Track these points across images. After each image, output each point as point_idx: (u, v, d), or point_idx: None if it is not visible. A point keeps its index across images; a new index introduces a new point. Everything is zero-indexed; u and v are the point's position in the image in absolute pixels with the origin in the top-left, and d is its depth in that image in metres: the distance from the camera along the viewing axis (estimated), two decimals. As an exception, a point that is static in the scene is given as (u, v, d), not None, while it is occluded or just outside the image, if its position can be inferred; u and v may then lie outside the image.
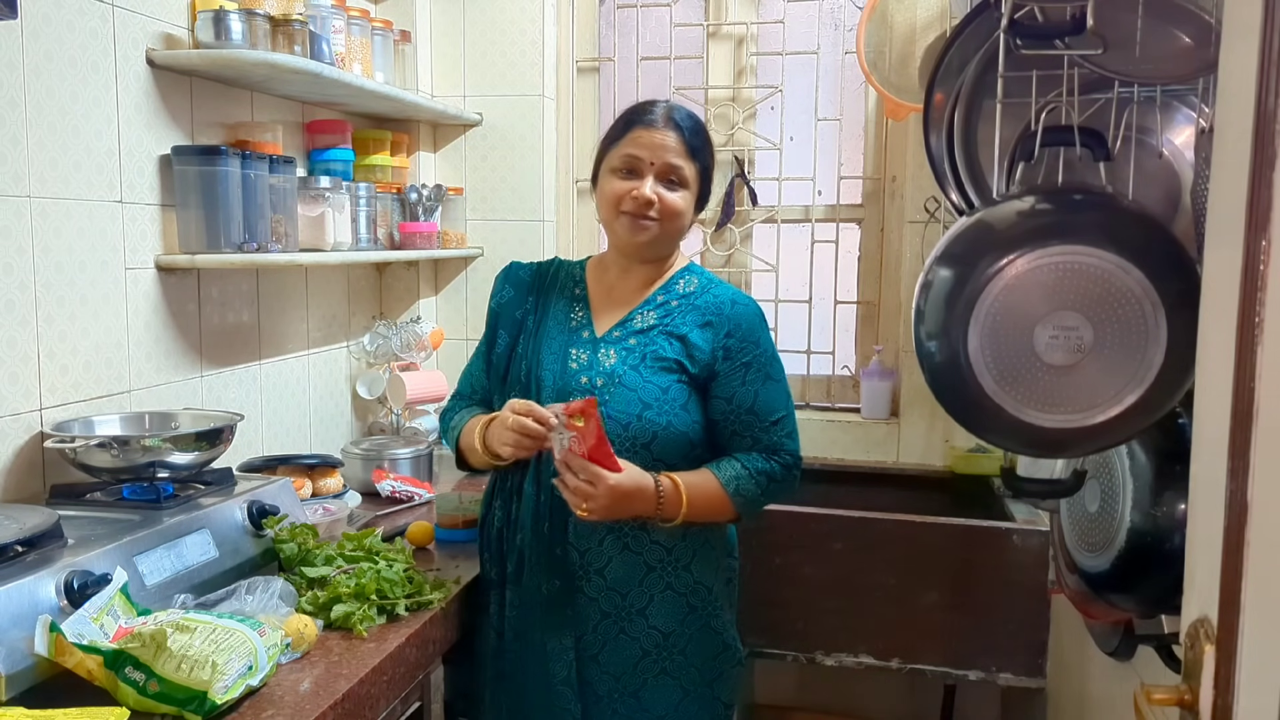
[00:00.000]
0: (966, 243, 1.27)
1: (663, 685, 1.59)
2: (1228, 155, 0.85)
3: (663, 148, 1.60)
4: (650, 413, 1.56)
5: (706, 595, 1.62)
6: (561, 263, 1.80)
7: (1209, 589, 0.83)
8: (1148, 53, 1.24)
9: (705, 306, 1.64)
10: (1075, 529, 1.55)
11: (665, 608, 1.58)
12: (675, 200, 1.61)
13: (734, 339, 1.61)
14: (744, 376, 1.60)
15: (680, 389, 1.59)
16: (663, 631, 1.58)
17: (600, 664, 1.58)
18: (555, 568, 1.58)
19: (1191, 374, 0.96)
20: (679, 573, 1.59)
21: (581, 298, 1.72)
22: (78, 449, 1.58)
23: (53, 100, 1.64)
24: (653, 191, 1.60)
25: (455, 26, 2.76)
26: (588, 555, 1.58)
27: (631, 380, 1.58)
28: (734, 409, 1.60)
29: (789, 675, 2.72)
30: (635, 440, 1.56)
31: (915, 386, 2.60)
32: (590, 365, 1.61)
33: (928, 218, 2.56)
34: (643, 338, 1.62)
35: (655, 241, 1.64)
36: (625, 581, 1.58)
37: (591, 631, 1.58)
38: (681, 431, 1.58)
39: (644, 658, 1.58)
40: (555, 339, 1.66)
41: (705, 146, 1.66)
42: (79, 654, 1.20)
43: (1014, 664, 2.02)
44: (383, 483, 2.20)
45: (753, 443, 1.61)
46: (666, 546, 1.59)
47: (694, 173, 1.63)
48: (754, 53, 2.78)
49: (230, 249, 1.89)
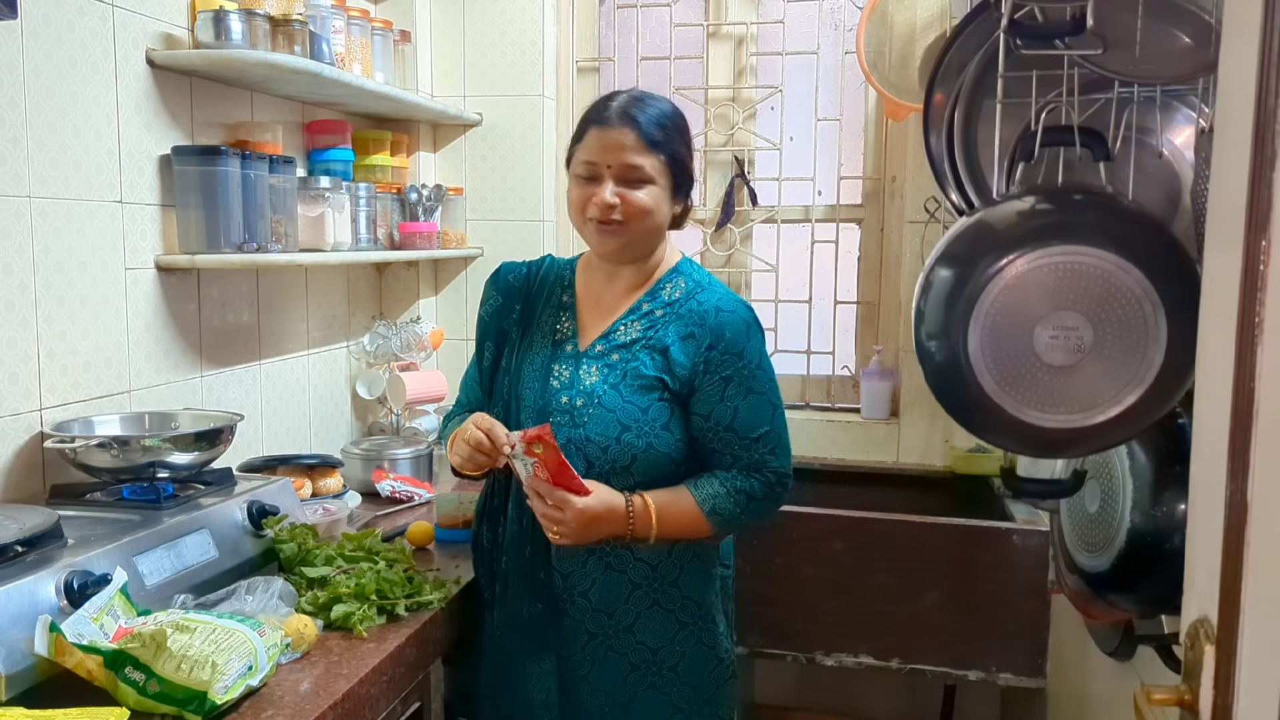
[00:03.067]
0: (966, 243, 1.27)
1: (652, 700, 1.56)
2: (1228, 155, 0.85)
3: (618, 148, 1.52)
4: (629, 435, 1.51)
5: (696, 610, 1.58)
6: (552, 262, 1.74)
7: (1209, 589, 0.83)
8: (1148, 53, 1.24)
9: (689, 315, 1.56)
10: (1075, 529, 1.55)
11: (653, 624, 1.55)
12: (640, 198, 1.53)
13: (715, 351, 1.53)
14: (723, 392, 1.53)
15: (661, 408, 1.53)
16: (651, 647, 1.56)
17: (590, 683, 1.56)
18: (538, 591, 1.56)
19: (1191, 374, 0.96)
20: (666, 589, 1.56)
21: (569, 305, 1.66)
22: (78, 449, 1.58)
23: (53, 100, 1.64)
24: (613, 195, 1.52)
25: (455, 26, 2.76)
26: (570, 578, 1.55)
27: (610, 401, 1.52)
28: (712, 426, 1.54)
29: (789, 675, 2.72)
30: (615, 463, 1.52)
31: (915, 386, 2.60)
32: (571, 383, 1.56)
33: (928, 218, 2.56)
34: (625, 353, 1.56)
35: (629, 245, 1.57)
36: (610, 601, 1.55)
37: (580, 653, 1.56)
38: (663, 453, 1.53)
39: (632, 672, 1.56)
40: (539, 354, 1.61)
41: (669, 135, 1.55)
42: (79, 654, 1.20)
43: (1014, 664, 2.02)
44: (383, 483, 2.20)
45: (733, 460, 1.55)
46: (651, 563, 1.55)
47: (658, 166, 1.54)
48: (754, 53, 2.78)
49: (230, 249, 1.89)
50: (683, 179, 1.60)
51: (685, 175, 1.60)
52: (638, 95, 1.58)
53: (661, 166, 1.55)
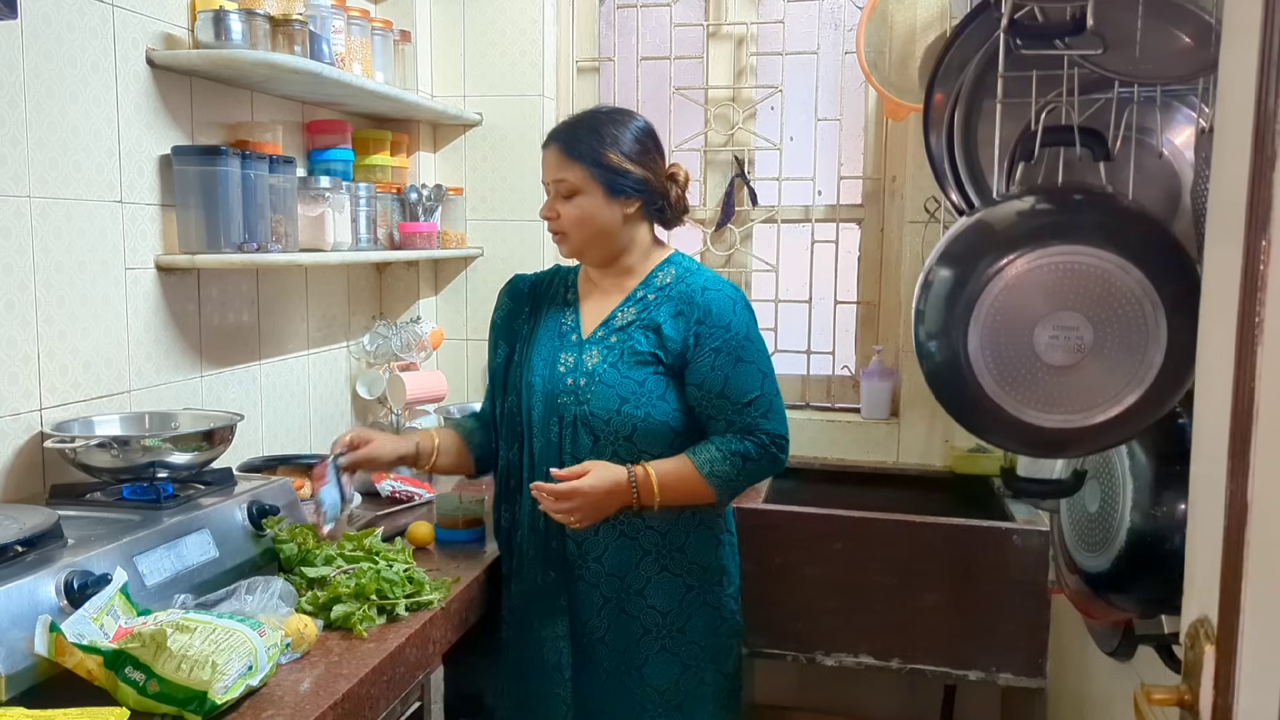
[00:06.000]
0: (966, 243, 1.27)
1: (663, 661, 1.68)
2: (1228, 155, 0.85)
3: (548, 166, 1.69)
4: (628, 406, 1.63)
5: (703, 574, 1.70)
6: (560, 271, 1.87)
7: (1209, 589, 0.83)
8: (1148, 53, 1.24)
9: (679, 296, 1.68)
10: (1075, 529, 1.55)
11: (662, 589, 1.67)
12: (568, 210, 1.67)
13: (704, 325, 1.65)
14: (713, 362, 1.64)
15: (657, 380, 1.65)
16: (661, 611, 1.68)
17: (607, 644, 1.68)
18: (551, 559, 1.69)
19: (1191, 374, 0.96)
20: (673, 555, 1.68)
21: (572, 303, 1.79)
22: (78, 449, 1.58)
23: (53, 100, 1.64)
24: (548, 209, 1.70)
25: (455, 26, 2.76)
26: (585, 545, 1.67)
27: (610, 377, 1.65)
28: (705, 394, 1.65)
29: (789, 675, 2.72)
30: (617, 433, 1.64)
31: (915, 386, 2.60)
32: (576, 367, 1.69)
33: (928, 218, 2.56)
34: (622, 334, 1.69)
35: (580, 250, 1.72)
36: (622, 566, 1.67)
37: (596, 616, 1.68)
38: (661, 420, 1.64)
39: (645, 635, 1.68)
40: (546, 345, 1.74)
41: (586, 141, 1.66)
42: (79, 654, 1.20)
43: (1014, 664, 2.02)
44: (383, 483, 2.20)
45: (727, 425, 1.65)
46: (661, 531, 1.67)
47: (581, 174, 1.66)
48: (754, 53, 2.78)
49: (230, 249, 1.89)
50: (615, 179, 1.67)
51: (616, 174, 1.66)
52: (582, 113, 1.74)
53: (585, 174, 1.66)
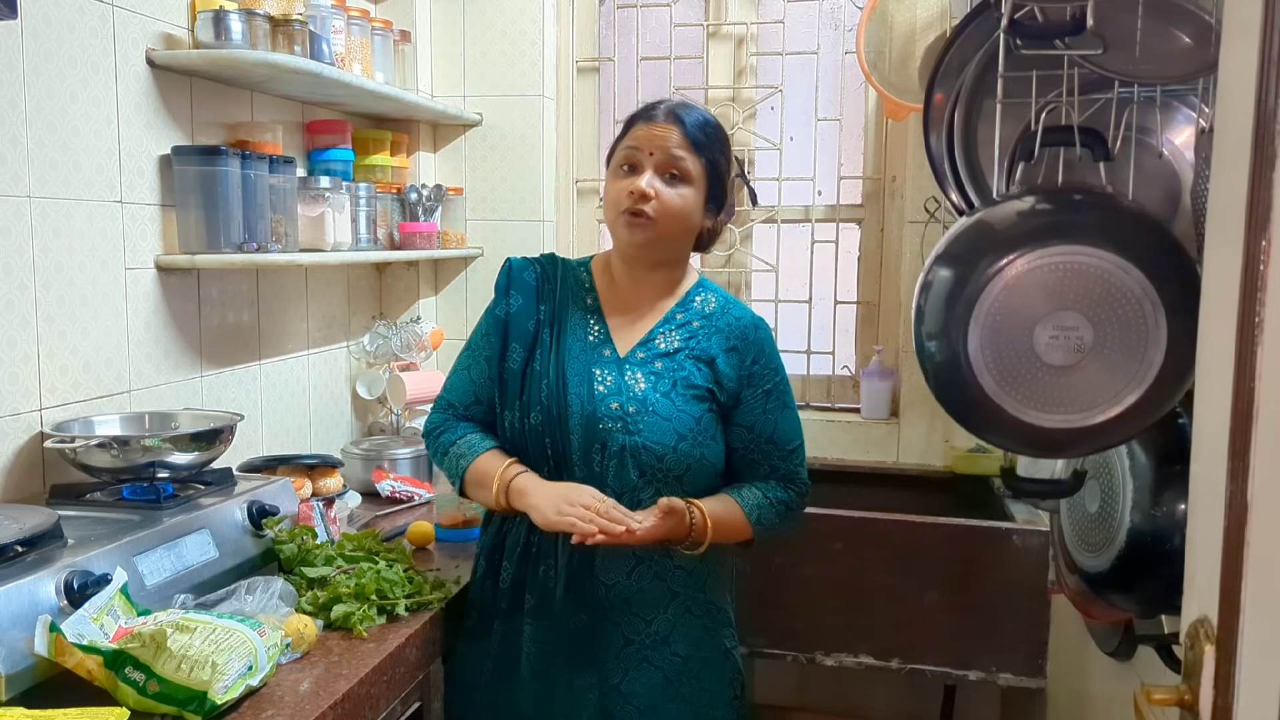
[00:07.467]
0: (966, 243, 1.27)
1: (677, 711, 1.55)
2: (1228, 155, 0.85)
3: (662, 139, 1.52)
4: (685, 444, 1.51)
5: (716, 614, 1.60)
6: (563, 262, 1.69)
7: (1209, 589, 0.83)
8: (1148, 53, 1.24)
9: (729, 329, 1.59)
10: (1075, 529, 1.55)
11: (685, 632, 1.56)
12: (674, 196, 1.52)
13: (758, 365, 1.58)
14: (764, 405, 1.58)
15: (711, 419, 1.55)
16: (682, 656, 1.55)
17: (622, 693, 1.52)
18: (584, 602, 1.52)
19: (1191, 374, 0.96)
20: (695, 594, 1.57)
21: (595, 309, 1.62)
22: (78, 449, 1.58)
23: (53, 100, 1.64)
24: (649, 185, 1.51)
25: (455, 26, 2.76)
26: (615, 587, 1.52)
27: (665, 409, 1.52)
28: (755, 437, 1.58)
29: (789, 675, 2.72)
30: (669, 472, 1.52)
31: (915, 386, 2.60)
32: (619, 390, 1.53)
33: (928, 218, 2.55)
34: (669, 361, 1.56)
35: (654, 243, 1.54)
36: (650, 608, 1.54)
37: (614, 659, 1.53)
38: (712, 462, 1.56)
39: (666, 685, 1.54)
40: (577, 358, 1.57)
41: (713, 141, 1.56)
42: (79, 654, 1.20)
43: (1014, 664, 2.02)
44: (383, 483, 2.20)
45: (770, 470, 1.59)
46: (687, 569, 1.56)
47: (699, 167, 1.54)
48: (754, 53, 2.77)
49: (230, 249, 1.89)
50: (717, 190, 1.59)
51: (720, 187, 1.59)
52: (686, 103, 1.59)
53: (701, 169, 1.55)
